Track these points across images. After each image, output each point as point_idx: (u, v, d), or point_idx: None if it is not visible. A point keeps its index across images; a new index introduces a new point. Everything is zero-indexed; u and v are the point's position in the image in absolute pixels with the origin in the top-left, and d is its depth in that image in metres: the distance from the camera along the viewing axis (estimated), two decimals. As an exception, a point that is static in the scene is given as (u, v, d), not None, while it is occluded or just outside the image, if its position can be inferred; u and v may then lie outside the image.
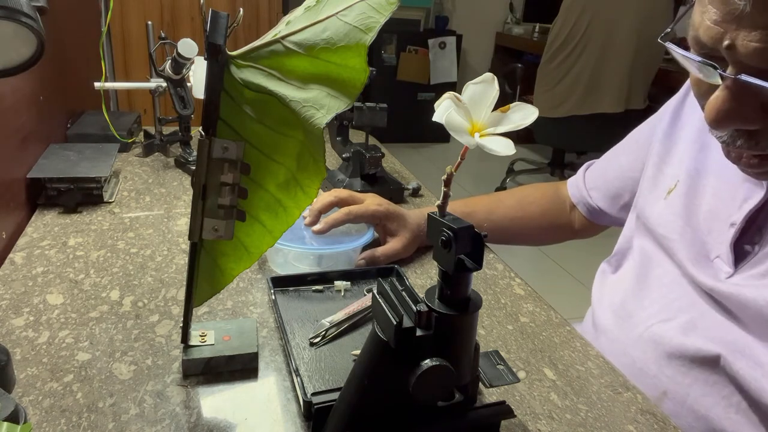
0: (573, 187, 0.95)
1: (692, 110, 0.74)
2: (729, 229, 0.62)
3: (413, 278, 0.80)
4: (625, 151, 0.87)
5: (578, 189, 0.94)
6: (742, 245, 0.62)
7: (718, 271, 0.62)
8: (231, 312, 0.69)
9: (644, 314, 0.70)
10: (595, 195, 0.91)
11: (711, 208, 0.65)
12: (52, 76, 1.11)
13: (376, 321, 0.46)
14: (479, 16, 4.48)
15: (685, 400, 0.63)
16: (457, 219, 0.44)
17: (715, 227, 0.64)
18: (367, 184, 1.04)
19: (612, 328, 0.74)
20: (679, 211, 0.68)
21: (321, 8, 0.45)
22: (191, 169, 1.11)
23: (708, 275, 0.63)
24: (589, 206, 0.91)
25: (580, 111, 2.90)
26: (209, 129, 0.46)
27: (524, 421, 0.56)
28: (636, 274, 0.75)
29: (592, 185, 0.92)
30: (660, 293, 0.70)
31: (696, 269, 0.65)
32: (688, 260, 0.66)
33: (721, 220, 0.64)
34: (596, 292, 0.83)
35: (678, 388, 0.64)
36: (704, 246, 0.65)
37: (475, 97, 0.43)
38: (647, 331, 0.68)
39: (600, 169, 0.92)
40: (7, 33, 0.46)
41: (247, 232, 0.52)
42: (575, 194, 0.94)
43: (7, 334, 0.62)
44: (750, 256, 0.60)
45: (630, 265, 0.77)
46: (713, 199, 0.66)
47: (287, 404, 0.55)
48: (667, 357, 0.65)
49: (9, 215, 0.86)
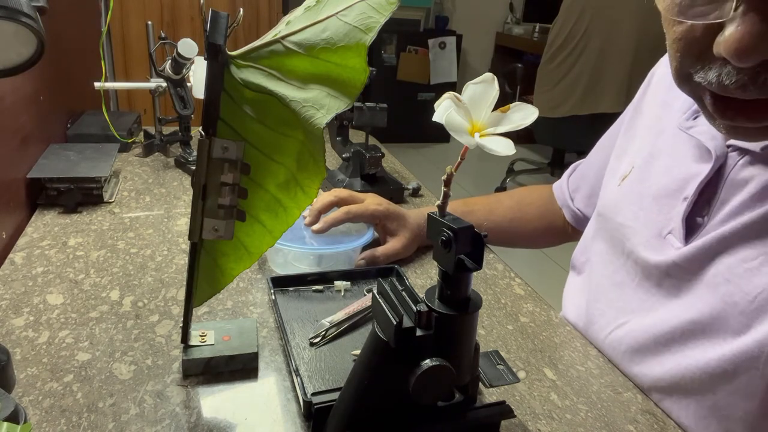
0: (558, 191, 0.95)
1: (652, 99, 0.75)
2: (681, 204, 0.62)
3: (413, 278, 0.80)
4: (599, 149, 0.88)
5: (562, 194, 0.94)
6: (693, 218, 0.61)
7: (668, 247, 0.62)
8: (231, 312, 0.69)
9: (603, 321, 0.70)
10: (577, 198, 0.91)
11: (661, 187, 0.66)
12: (52, 76, 1.11)
13: (376, 321, 0.46)
14: (479, 16, 4.49)
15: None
16: (457, 219, 0.44)
17: (665, 204, 0.64)
18: (367, 184, 1.04)
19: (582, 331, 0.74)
20: (632, 198, 0.69)
21: (321, 8, 0.45)
22: (191, 169, 1.11)
23: (660, 253, 0.63)
24: (571, 211, 0.91)
25: (580, 111, 2.90)
26: (209, 129, 0.46)
27: (524, 421, 0.56)
28: (594, 276, 0.75)
29: (574, 188, 0.92)
30: (615, 295, 0.70)
31: (648, 251, 0.64)
32: (641, 244, 0.65)
33: (671, 197, 0.64)
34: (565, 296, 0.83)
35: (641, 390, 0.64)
36: (656, 225, 0.65)
37: (475, 97, 0.43)
38: (607, 338, 0.68)
39: (582, 169, 0.92)
40: (7, 33, 0.46)
41: (247, 232, 0.52)
42: (560, 199, 0.94)
43: (7, 334, 0.62)
44: (700, 228, 0.60)
45: (589, 267, 0.77)
46: (664, 179, 0.66)
47: (287, 404, 0.55)
48: (628, 361, 0.65)
49: (9, 215, 0.86)
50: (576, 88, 2.89)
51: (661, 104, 0.72)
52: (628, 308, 0.67)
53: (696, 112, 0.64)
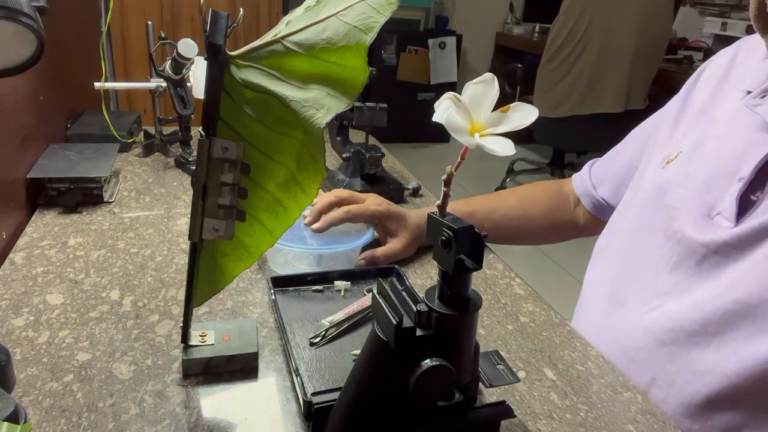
0: (578, 181, 0.96)
1: (702, 92, 0.76)
2: (736, 184, 0.62)
3: (413, 278, 0.80)
4: (633, 142, 0.89)
5: (583, 183, 0.95)
6: (747, 197, 0.62)
7: (718, 227, 0.63)
8: (231, 312, 0.69)
9: (636, 303, 0.70)
10: (601, 188, 0.92)
11: (710, 169, 0.66)
12: (52, 76, 1.11)
13: (376, 321, 0.46)
14: (479, 16, 4.48)
15: (672, 386, 0.64)
16: (457, 219, 0.44)
17: (715, 185, 0.65)
18: (367, 184, 1.04)
19: (604, 314, 0.74)
20: (679, 179, 0.69)
21: (321, 8, 0.45)
22: (191, 169, 1.11)
23: (709, 232, 0.63)
24: (593, 199, 0.92)
25: (580, 111, 2.90)
26: (209, 129, 0.46)
27: (524, 421, 0.56)
28: (624, 260, 0.75)
29: (598, 178, 0.93)
30: (649, 277, 0.70)
31: (695, 231, 0.64)
32: (688, 224, 0.66)
33: (722, 178, 0.64)
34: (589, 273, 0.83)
35: (666, 375, 0.64)
36: (705, 206, 0.65)
37: (475, 97, 0.43)
38: (641, 320, 0.68)
39: (607, 161, 0.93)
40: (7, 33, 0.46)
41: (247, 232, 0.52)
42: (580, 188, 0.95)
43: (7, 334, 0.62)
44: (753, 208, 0.61)
45: (616, 251, 0.78)
46: (713, 162, 0.66)
47: (287, 404, 0.55)
48: (656, 344, 0.65)
49: (9, 215, 0.86)
50: (576, 88, 2.89)
51: (713, 94, 0.73)
52: (664, 290, 0.67)
53: (765, 91, 0.64)
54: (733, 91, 0.70)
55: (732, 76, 0.73)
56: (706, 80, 0.77)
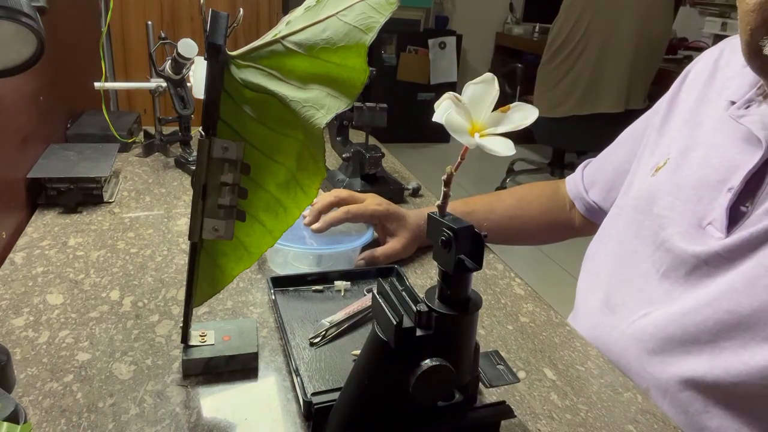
0: (571, 183, 0.96)
1: (688, 94, 0.75)
2: (726, 194, 0.62)
3: (413, 278, 0.80)
4: (622, 144, 0.88)
5: (575, 186, 0.94)
6: (737, 208, 0.62)
7: (709, 238, 0.62)
8: (231, 312, 0.69)
9: (625, 311, 0.70)
10: (592, 191, 0.91)
11: (699, 177, 0.66)
12: (52, 76, 1.11)
13: (376, 321, 0.46)
14: (479, 16, 4.49)
15: (665, 396, 0.64)
16: (457, 219, 0.44)
17: (704, 194, 0.64)
18: (367, 184, 1.04)
19: (595, 323, 0.74)
20: (668, 188, 0.69)
21: (321, 8, 0.45)
22: (191, 169, 1.11)
23: (699, 243, 0.63)
24: (585, 203, 0.92)
25: (580, 111, 2.90)
26: (209, 129, 0.46)
27: (524, 421, 0.56)
28: (616, 267, 0.75)
29: (589, 181, 0.92)
30: (638, 286, 0.69)
31: (685, 241, 0.64)
32: (677, 234, 0.65)
33: (711, 187, 0.64)
34: (581, 281, 0.83)
35: (658, 384, 0.64)
36: (695, 215, 0.65)
37: (475, 97, 0.43)
38: (629, 328, 0.68)
39: (598, 163, 0.92)
40: (7, 33, 0.46)
41: (247, 232, 0.52)
42: (573, 191, 0.95)
43: (7, 334, 0.62)
44: (743, 219, 0.60)
45: (608, 258, 0.78)
46: (701, 169, 0.66)
47: (287, 404, 0.55)
48: (647, 353, 0.65)
49: (9, 215, 0.86)
50: (576, 88, 2.89)
51: (699, 98, 0.73)
52: (653, 298, 0.67)
53: (748, 101, 0.64)
54: (718, 98, 0.70)
55: (716, 79, 0.72)
56: (691, 83, 0.76)
